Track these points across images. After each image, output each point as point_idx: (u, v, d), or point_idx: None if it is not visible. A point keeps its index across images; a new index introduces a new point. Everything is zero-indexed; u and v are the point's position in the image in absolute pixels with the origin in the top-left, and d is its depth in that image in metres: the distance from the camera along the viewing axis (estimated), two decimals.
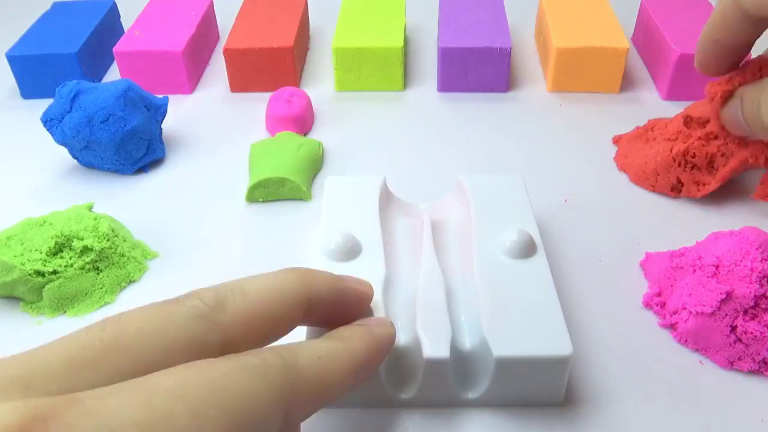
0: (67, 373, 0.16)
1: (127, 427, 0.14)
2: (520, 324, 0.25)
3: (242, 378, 0.17)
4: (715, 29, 0.31)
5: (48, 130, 0.39)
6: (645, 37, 0.51)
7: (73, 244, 0.31)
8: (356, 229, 0.30)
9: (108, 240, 0.32)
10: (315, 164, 0.40)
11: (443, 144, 0.43)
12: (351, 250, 0.29)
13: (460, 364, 0.26)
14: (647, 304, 0.31)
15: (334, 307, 0.23)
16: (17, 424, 0.14)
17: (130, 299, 0.32)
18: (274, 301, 0.20)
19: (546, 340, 0.25)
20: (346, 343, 0.21)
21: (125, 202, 0.38)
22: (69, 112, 0.38)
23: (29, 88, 0.48)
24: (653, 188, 0.38)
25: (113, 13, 0.54)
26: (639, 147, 0.40)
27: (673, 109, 0.45)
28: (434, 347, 0.25)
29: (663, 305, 0.30)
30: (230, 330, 0.19)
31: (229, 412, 0.16)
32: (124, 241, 0.33)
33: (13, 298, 0.32)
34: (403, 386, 0.26)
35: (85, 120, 0.38)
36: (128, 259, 0.33)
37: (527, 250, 0.29)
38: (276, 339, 0.21)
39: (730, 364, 0.28)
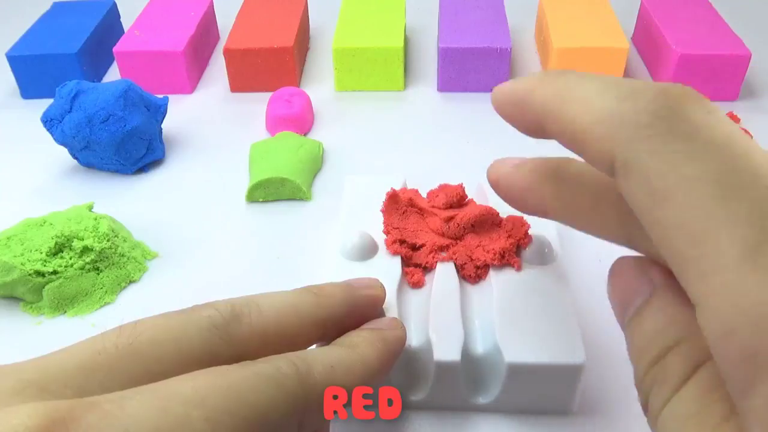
0: (83, 377, 0.16)
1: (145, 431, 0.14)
2: (533, 331, 0.25)
3: (258, 386, 0.17)
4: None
5: (48, 130, 0.39)
6: (645, 38, 0.51)
7: (73, 244, 0.31)
8: (373, 229, 0.30)
9: (108, 240, 0.32)
10: (315, 164, 0.40)
11: (443, 143, 0.43)
12: (367, 250, 0.28)
13: (472, 369, 0.26)
14: None
15: (348, 320, 0.23)
16: (37, 425, 0.14)
17: (130, 299, 0.32)
18: (290, 322, 0.20)
19: (559, 347, 0.25)
20: (358, 350, 0.21)
21: (125, 202, 0.38)
22: (69, 112, 0.38)
23: (29, 88, 0.48)
24: None
25: (113, 13, 0.54)
26: None
27: None
28: (445, 350, 0.25)
29: None
30: (244, 344, 0.19)
31: (244, 420, 0.16)
32: (124, 241, 0.33)
33: (13, 299, 0.32)
34: (413, 388, 0.26)
35: (85, 120, 0.38)
36: (128, 259, 0.33)
37: (545, 256, 0.28)
38: None
39: None
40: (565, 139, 0.17)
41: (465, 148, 0.43)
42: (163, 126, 0.43)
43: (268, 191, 0.37)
